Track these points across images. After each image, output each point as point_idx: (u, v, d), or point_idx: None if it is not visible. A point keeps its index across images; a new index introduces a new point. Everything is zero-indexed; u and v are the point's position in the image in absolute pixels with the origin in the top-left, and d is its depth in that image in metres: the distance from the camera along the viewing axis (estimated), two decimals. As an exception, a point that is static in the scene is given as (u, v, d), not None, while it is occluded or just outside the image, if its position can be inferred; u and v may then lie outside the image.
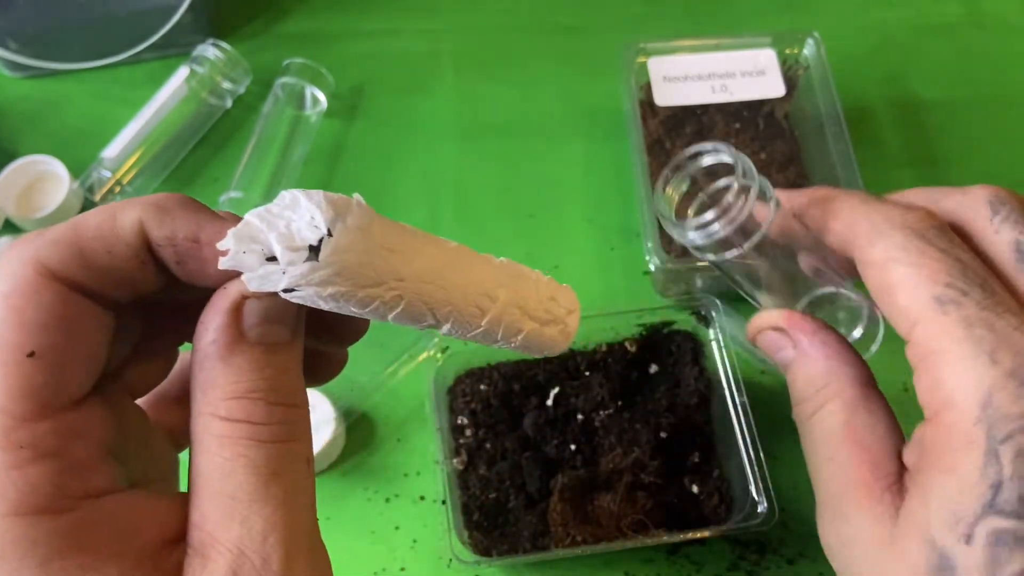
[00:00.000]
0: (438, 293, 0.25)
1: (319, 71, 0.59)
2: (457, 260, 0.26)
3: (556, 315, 0.28)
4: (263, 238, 0.22)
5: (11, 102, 0.61)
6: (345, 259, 0.22)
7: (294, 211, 0.22)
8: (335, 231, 0.22)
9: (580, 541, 0.43)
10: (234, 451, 0.22)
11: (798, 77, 0.56)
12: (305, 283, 0.22)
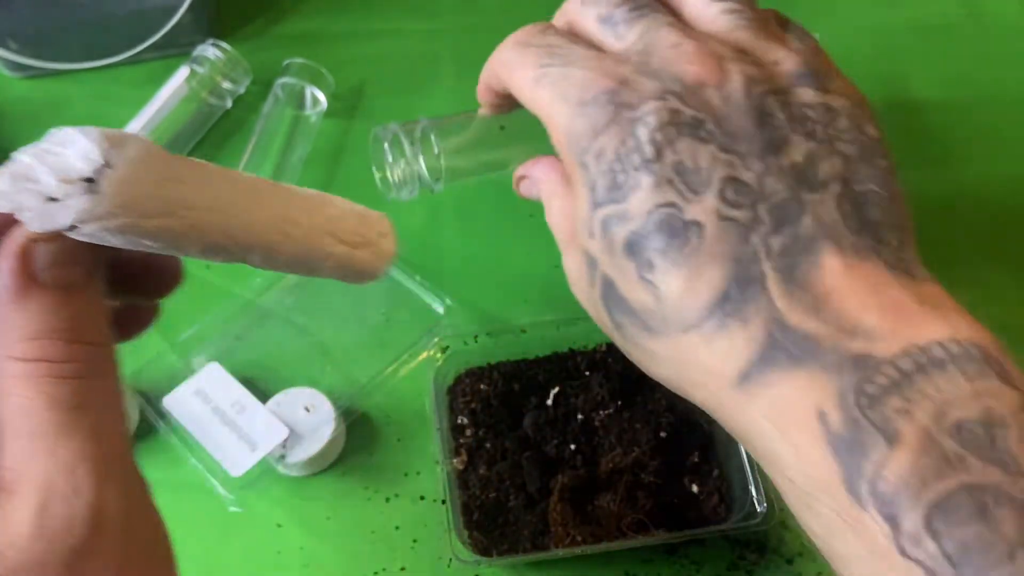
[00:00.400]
0: (235, 220, 0.24)
1: (319, 71, 0.59)
2: (255, 188, 0.25)
3: (367, 238, 0.28)
4: (37, 175, 0.21)
5: (11, 102, 0.62)
6: (127, 190, 0.22)
7: (67, 147, 0.22)
8: (114, 163, 0.22)
9: (580, 541, 0.44)
10: (35, 389, 0.22)
11: (798, 77, 0.56)
12: (89, 218, 0.21)
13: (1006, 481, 0.23)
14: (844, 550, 0.26)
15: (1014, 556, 0.23)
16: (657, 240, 0.27)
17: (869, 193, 0.29)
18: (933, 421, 0.24)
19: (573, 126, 0.29)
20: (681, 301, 0.27)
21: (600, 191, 0.28)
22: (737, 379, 0.27)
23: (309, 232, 0.26)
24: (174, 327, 0.53)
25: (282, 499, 0.48)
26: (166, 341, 0.53)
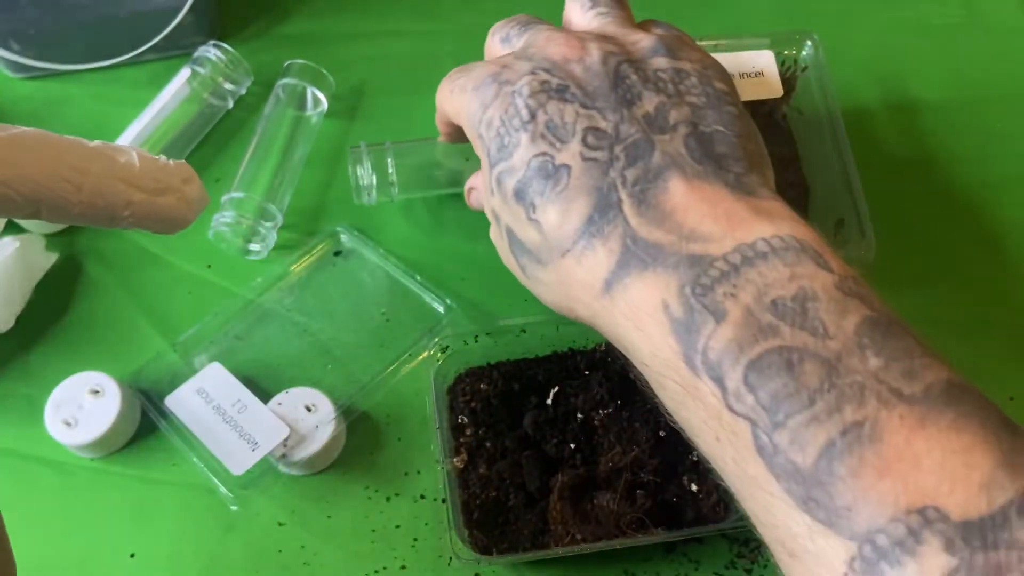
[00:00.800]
0: (12, 170, 0.24)
1: (320, 72, 0.59)
2: (30, 140, 0.25)
3: (169, 184, 0.28)
4: None
5: (13, 103, 0.62)
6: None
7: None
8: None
9: (579, 539, 0.44)
10: None
11: (796, 78, 0.56)
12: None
13: (812, 342, 0.27)
14: (689, 417, 0.31)
15: (814, 401, 0.27)
16: (536, 184, 0.33)
17: (715, 133, 0.33)
18: (754, 300, 0.28)
19: (469, 107, 0.36)
20: (558, 230, 0.33)
21: (493, 153, 0.34)
22: (602, 288, 0.32)
23: (100, 180, 0.26)
24: (174, 327, 0.53)
25: (283, 498, 0.49)
26: (166, 341, 0.53)
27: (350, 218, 0.57)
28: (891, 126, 0.61)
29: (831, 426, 0.26)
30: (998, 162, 0.60)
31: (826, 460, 0.26)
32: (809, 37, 0.56)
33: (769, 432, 0.27)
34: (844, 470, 0.25)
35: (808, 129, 0.56)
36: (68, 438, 0.48)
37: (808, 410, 0.27)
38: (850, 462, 0.25)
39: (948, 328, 0.54)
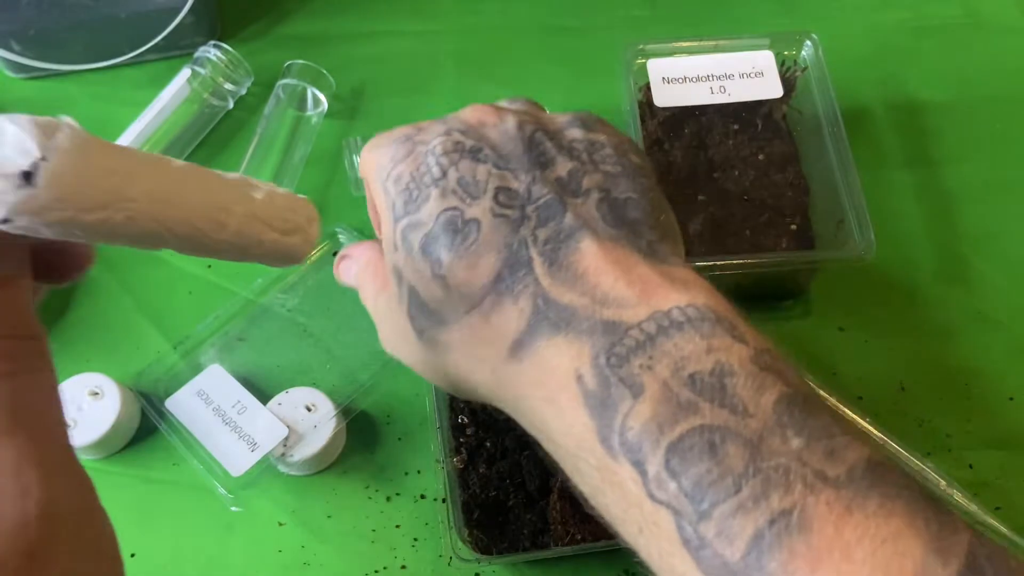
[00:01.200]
0: (172, 211, 0.24)
1: (320, 72, 0.59)
2: (187, 177, 0.25)
3: (297, 224, 0.29)
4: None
5: (13, 103, 0.62)
6: (64, 183, 0.21)
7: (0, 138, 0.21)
8: (49, 155, 0.21)
9: (580, 539, 0.44)
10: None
11: (796, 78, 0.56)
12: (25, 212, 0.21)
13: (733, 420, 0.26)
14: (608, 505, 0.28)
15: (739, 487, 0.25)
16: (444, 238, 0.31)
17: (628, 200, 0.32)
18: (671, 374, 0.27)
19: (379, 161, 0.34)
20: (466, 285, 0.31)
21: (399, 207, 0.33)
22: (509, 349, 0.30)
23: (242, 220, 0.27)
24: (174, 327, 0.53)
25: (283, 498, 0.49)
26: (167, 341, 0.53)
27: (350, 218, 0.57)
28: (891, 126, 0.61)
29: (758, 515, 0.25)
30: (998, 162, 0.60)
31: (755, 554, 0.24)
32: (809, 37, 0.56)
33: (694, 523, 0.25)
34: (775, 564, 0.24)
35: (808, 129, 0.56)
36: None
37: (734, 498, 0.25)
38: (780, 556, 0.24)
39: (948, 328, 0.54)
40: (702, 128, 0.56)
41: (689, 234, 0.52)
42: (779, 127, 0.56)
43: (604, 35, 0.65)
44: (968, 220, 0.58)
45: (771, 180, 0.54)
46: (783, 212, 0.54)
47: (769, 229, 0.53)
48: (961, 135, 0.61)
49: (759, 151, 0.56)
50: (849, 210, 0.51)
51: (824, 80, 0.55)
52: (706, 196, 0.54)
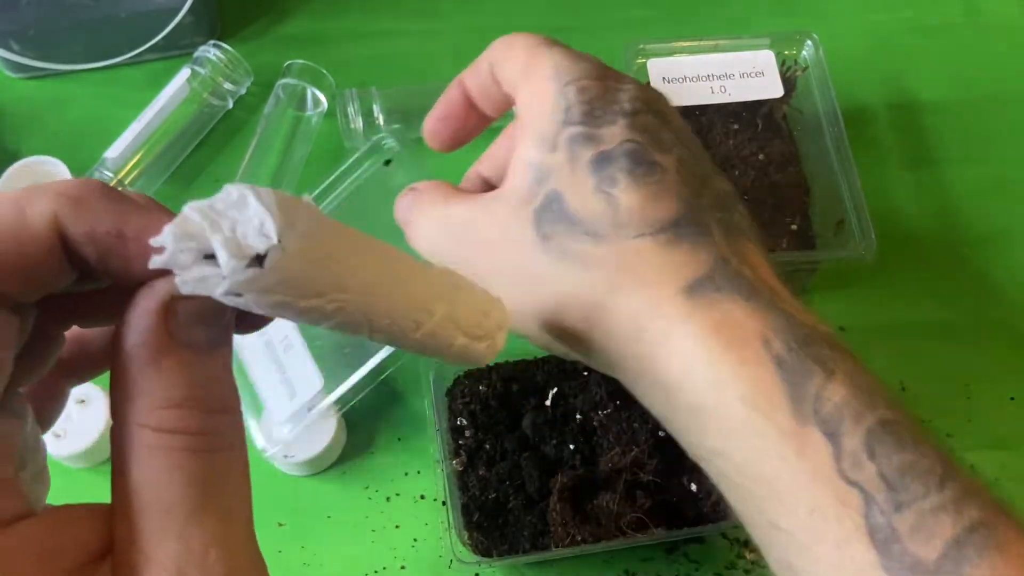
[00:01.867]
0: (378, 306, 0.24)
1: (320, 72, 0.59)
2: (398, 271, 0.25)
3: (487, 331, 0.28)
4: (204, 238, 0.20)
5: (13, 103, 0.62)
6: (290, 269, 0.21)
7: (240, 211, 0.20)
8: (284, 239, 0.20)
9: (580, 540, 0.44)
10: (169, 462, 0.20)
11: (796, 78, 0.56)
12: (246, 290, 0.20)
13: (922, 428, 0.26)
14: (774, 474, 0.26)
15: (943, 486, 0.24)
16: (625, 162, 0.31)
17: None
18: (858, 371, 0.27)
19: (571, 64, 0.33)
20: (639, 212, 0.30)
21: (574, 114, 0.32)
22: (684, 287, 0.29)
23: (440, 322, 0.26)
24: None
25: (283, 498, 0.49)
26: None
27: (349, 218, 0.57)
28: (891, 126, 0.61)
29: (960, 520, 0.23)
30: (998, 161, 0.60)
31: (953, 559, 0.23)
32: (809, 37, 0.56)
33: (888, 513, 0.24)
34: (977, 573, 0.23)
35: (808, 129, 0.56)
36: (57, 450, 0.48)
37: (936, 495, 0.24)
38: (980, 566, 0.23)
39: (948, 328, 0.54)
40: (702, 128, 0.56)
41: None
42: (779, 127, 0.56)
43: (604, 35, 0.65)
44: (968, 220, 0.58)
45: (771, 180, 0.54)
46: (783, 212, 0.54)
47: (769, 229, 0.53)
48: (961, 135, 0.61)
49: (759, 151, 0.55)
50: (850, 210, 0.51)
51: (824, 80, 0.55)
52: None
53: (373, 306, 0.24)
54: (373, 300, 0.24)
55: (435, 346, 0.26)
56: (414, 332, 0.25)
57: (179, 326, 0.20)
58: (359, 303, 0.23)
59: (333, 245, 0.23)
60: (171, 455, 0.20)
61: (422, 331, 0.26)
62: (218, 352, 0.21)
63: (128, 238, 0.20)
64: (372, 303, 0.24)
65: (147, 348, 0.20)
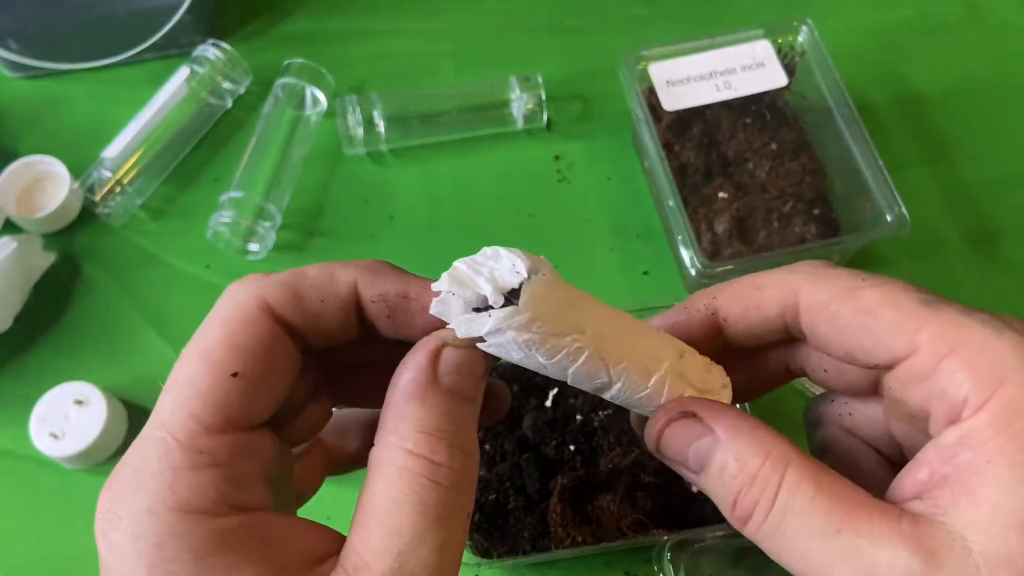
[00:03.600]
0: (613, 349, 0.27)
1: (319, 71, 0.59)
2: (625, 322, 0.28)
3: (712, 387, 0.29)
4: (471, 282, 0.25)
5: (12, 102, 0.62)
6: (539, 306, 0.25)
7: (496, 261, 0.26)
8: (531, 281, 0.25)
9: (580, 541, 0.43)
10: (410, 486, 0.24)
11: (796, 64, 0.56)
12: (505, 327, 0.25)
13: None
14: None
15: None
16: None
17: None
18: None
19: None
20: None
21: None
22: None
23: (669, 373, 0.28)
24: (172, 327, 0.53)
25: (282, 499, 0.48)
26: (165, 342, 0.53)
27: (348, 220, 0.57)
28: (890, 125, 0.61)
29: None
30: (999, 159, 0.60)
31: None
32: (804, 23, 0.56)
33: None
34: None
35: (816, 113, 0.56)
36: (55, 451, 0.47)
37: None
38: None
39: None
40: (709, 126, 0.56)
41: (717, 235, 0.52)
42: (785, 115, 0.56)
43: (604, 35, 0.65)
44: (968, 219, 0.58)
45: (787, 168, 0.54)
46: (804, 199, 0.54)
47: (794, 218, 0.53)
48: (963, 132, 0.61)
49: (770, 141, 0.55)
50: (874, 187, 0.51)
51: (825, 62, 0.55)
52: (727, 193, 0.54)
53: (609, 349, 0.27)
54: (608, 343, 0.27)
55: (667, 397, 0.28)
56: (646, 380, 0.27)
57: (444, 372, 0.25)
58: (596, 345, 0.26)
59: (567, 292, 0.27)
60: (413, 479, 0.24)
61: (654, 379, 0.27)
62: (469, 403, 0.26)
63: (411, 298, 0.27)
64: (607, 346, 0.26)
65: (416, 384, 0.25)
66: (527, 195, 0.58)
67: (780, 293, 0.28)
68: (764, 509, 0.25)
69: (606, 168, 0.59)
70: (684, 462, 0.27)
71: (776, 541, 0.25)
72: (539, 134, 0.61)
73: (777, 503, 0.25)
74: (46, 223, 0.55)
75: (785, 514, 0.25)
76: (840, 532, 0.24)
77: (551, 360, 0.26)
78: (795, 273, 0.28)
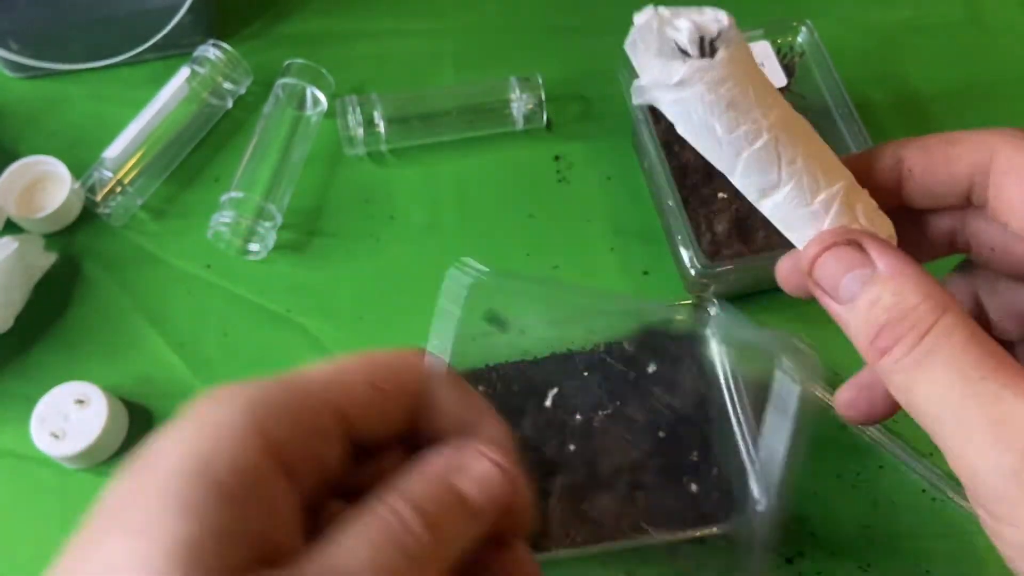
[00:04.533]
0: (792, 145, 0.25)
1: (320, 72, 0.59)
2: (808, 127, 0.27)
3: (879, 227, 0.27)
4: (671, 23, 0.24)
5: (12, 102, 0.62)
6: (735, 68, 0.24)
7: (699, 14, 0.25)
8: (731, 37, 0.25)
9: (580, 541, 0.44)
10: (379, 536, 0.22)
11: (795, 64, 0.56)
12: (697, 78, 0.24)
13: None
14: None
15: None
16: None
17: None
18: None
19: None
20: None
21: None
22: None
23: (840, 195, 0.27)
24: (173, 327, 0.53)
25: (282, 499, 0.48)
26: (165, 342, 0.53)
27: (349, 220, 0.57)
28: (891, 124, 0.61)
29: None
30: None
31: None
32: (803, 23, 0.56)
33: None
34: None
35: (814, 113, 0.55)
36: (55, 450, 0.48)
37: None
38: None
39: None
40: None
41: (717, 235, 0.52)
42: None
43: (604, 35, 0.65)
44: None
45: None
46: None
47: None
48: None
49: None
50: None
51: (825, 63, 0.55)
52: (726, 193, 0.54)
53: (787, 142, 0.25)
54: (788, 136, 0.25)
55: (831, 221, 0.26)
56: (816, 192, 0.25)
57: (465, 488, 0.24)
58: (775, 133, 0.25)
59: (760, 74, 0.26)
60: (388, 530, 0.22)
61: (823, 196, 0.26)
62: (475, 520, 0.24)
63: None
64: (787, 138, 0.25)
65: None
66: (527, 195, 0.58)
67: (975, 149, 0.27)
68: (908, 344, 0.25)
69: (606, 168, 0.59)
70: (834, 289, 0.26)
71: (911, 377, 0.25)
72: (539, 134, 0.61)
73: (925, 341, 0.24)
74: (47, 223, 0.55)
75: (931, 352, 0.24)
76: (984, 379, 0.24)
77: (730, 134, 0.24)
78: (994, 134, 0.27)
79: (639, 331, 0.50)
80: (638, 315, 0.49)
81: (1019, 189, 0.26)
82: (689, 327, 0.50)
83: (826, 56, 0.55)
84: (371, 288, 0.55)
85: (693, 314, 0.49)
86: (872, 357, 0.26)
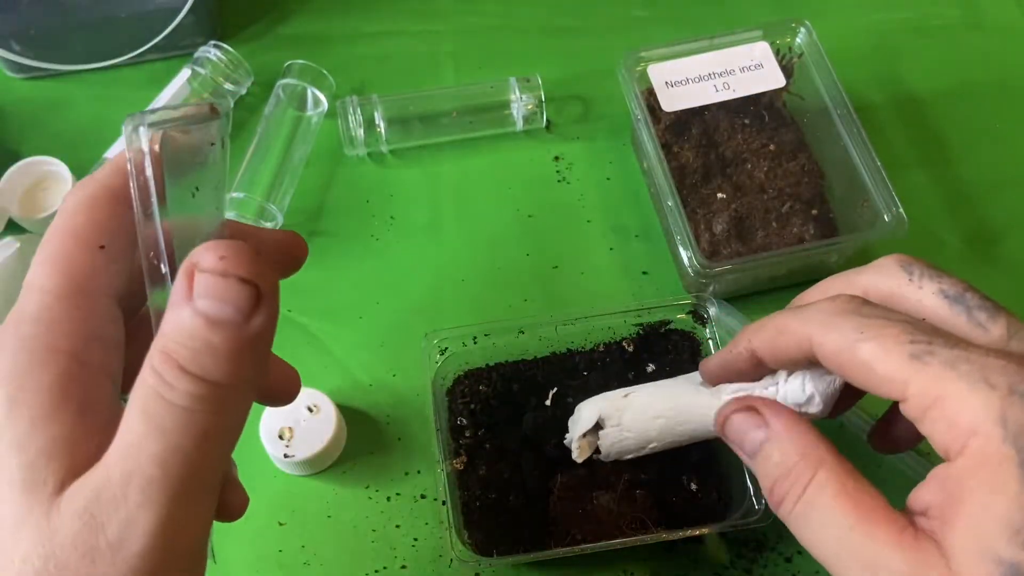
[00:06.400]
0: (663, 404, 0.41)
1: (320, 72, 0.59)
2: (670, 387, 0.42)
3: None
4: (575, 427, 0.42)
5: (14, 103, 0.62)
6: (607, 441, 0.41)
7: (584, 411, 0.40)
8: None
9: (580, 539, 0.44)
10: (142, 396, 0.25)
11: (794, 65, 0.56)
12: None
13: None
14: None
15: None
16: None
17: None
18: None
19: (1013, 414, 0.27)
20: None
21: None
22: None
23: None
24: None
25: (284, 498, 0.49)
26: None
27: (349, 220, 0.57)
28: (888, 126, 0.61)
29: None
30: (996, 161, 0.60)
31: None
32: (802, 24, 0.56)
33: None
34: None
35: (813, 114, 0.56)
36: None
37: None
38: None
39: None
40: (708, 126, 0.56)
41: (716, 235, 0.52)
42: (783, 115, 0.57)
43: (604, 35, 0.65)
44: (967, 219, 0.58)
45: (785, 169, 0.55)
46: (802, 199, 0.54)
47: (793, 218, 0.53)
48: (961, 134, 0.61)
49: (768, 142, 0.56)
50: (872, 188, 0.51)
51: (823, 63, 0.55)
52: (725, 194, 0.54)
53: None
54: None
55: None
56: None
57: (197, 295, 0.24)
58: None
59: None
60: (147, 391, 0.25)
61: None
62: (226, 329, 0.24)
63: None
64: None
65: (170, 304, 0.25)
66: (527, 195, 0.58)
67: (796, 340, 0.33)
68: (793, 498, 0.30)
69: (605, 169, 0.60)
70: (741, 445, 0.33)
71: (800, 525, 0.30)
72: (539, 135, 0.61)
73: (805, 495, 0.30)
74: (48, 223, 0.55)
75: (809, 505, 0.30)
76: (852, 528, 0.29)
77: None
78: (810, 321, 0.32)
79: (638, 331, 0.50)
80: (637, 315, 0.50)
81: (838, 371, 0.32)
82: (688, 327, 0.50)
83: (825, 57, 0.55)
84: (371, 288, 0.55)
85: (692, 314, 0.50)
86: (773, 507, 0.32)
